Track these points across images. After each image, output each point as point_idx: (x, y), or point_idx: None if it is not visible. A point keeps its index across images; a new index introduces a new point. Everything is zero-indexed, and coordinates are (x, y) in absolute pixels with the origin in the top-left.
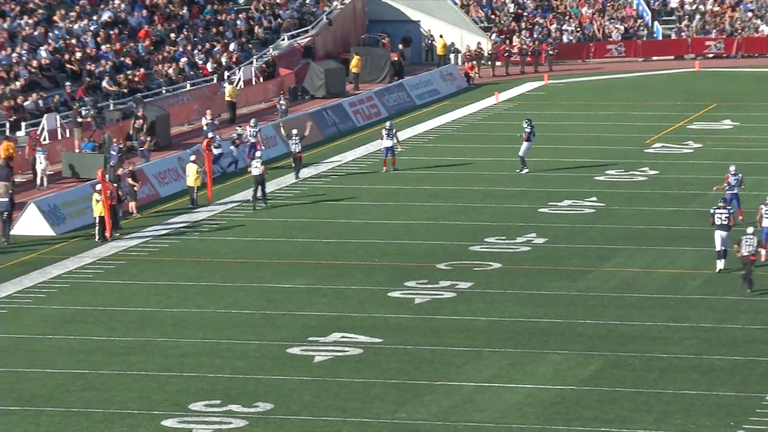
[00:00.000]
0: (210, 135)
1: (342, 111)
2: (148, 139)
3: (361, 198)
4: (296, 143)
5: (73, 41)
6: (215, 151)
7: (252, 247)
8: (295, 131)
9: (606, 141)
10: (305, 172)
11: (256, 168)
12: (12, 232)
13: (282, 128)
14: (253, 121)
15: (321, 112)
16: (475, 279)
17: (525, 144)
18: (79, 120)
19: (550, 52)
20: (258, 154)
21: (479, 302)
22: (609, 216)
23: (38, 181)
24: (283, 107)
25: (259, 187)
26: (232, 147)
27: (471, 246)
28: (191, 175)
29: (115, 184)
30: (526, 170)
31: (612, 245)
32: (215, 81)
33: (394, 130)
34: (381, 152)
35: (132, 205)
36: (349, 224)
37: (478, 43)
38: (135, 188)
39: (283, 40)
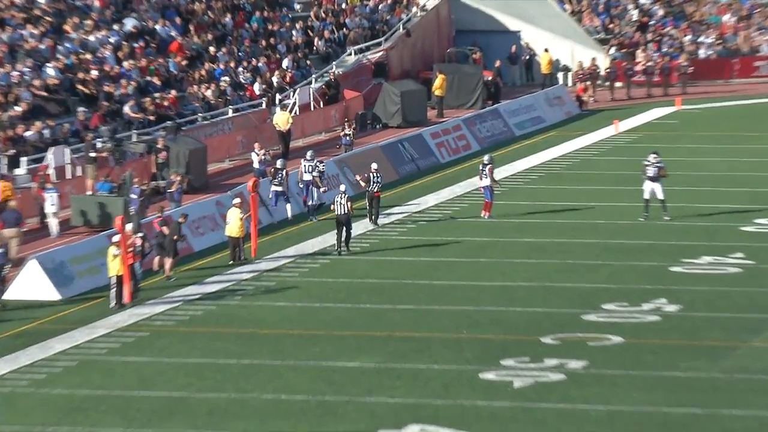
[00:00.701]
0: (278, 165)
1: (422, 144)
2: (178, 178)
3: (445, 253)
4: (375, 180)
5: (89, 56)
6: (275, 188)
7: (308, 314)
8: (375, 165)
9: (754, 182)
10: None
11: (340, 205)
12: (6, 296)
13: (359, 179)
14: (309, 153)
15: (396, 144)
16: (589, 356)
17: (658, 184)
18: (94, 154)
19: (684, 71)
20: (342, 188)
21: (595, 386)
22: (759, 277)
23: (52, 229)
24: (347, 139)
25: (344, 229)
26: (303, 185)
27: (584, 314)
28: (233, 222)
29: (140, 235)
30: (667, 218)
31: (763, 314)
32: (264, 106)
33: (489, 166)
34: (483, 194)
35: (168, 263)
36: (431, 286)
37: (593, 58)
38: (175, 239)
39: (350, 55)
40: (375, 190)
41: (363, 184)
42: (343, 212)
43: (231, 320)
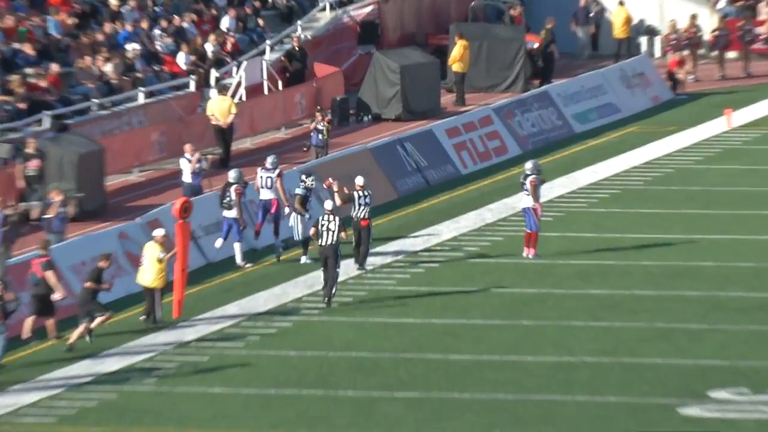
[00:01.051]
0: (231, 177)
1: (433, 145)
2: (61, 197)
3: (469, 312)
4: (362, 202)
5: None
6: (228, 214)
7: (258, 407)
8: (360, 180)
9: None
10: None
11: (327, 231)
12: None
13: (336, 190)
14: (270, 160)
15: (393, 146)
16: None
17: None
18: None
19: None
20: (328, 205)
21: None
22: None
23: None
24: (319, 138)
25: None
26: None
27: (682, 406)
28: (148, 265)
29: (1, 285)
30: None
31: None
32: (194, 88)
33: (532, 178)
34: (525, 221)
35: (49, 324)
36: (447, 363)
37: (693, 16)
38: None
39: (323, 10)
40: (362, 216)
41: (340, 201)
42: (330, 242)
43: (141, 415)
